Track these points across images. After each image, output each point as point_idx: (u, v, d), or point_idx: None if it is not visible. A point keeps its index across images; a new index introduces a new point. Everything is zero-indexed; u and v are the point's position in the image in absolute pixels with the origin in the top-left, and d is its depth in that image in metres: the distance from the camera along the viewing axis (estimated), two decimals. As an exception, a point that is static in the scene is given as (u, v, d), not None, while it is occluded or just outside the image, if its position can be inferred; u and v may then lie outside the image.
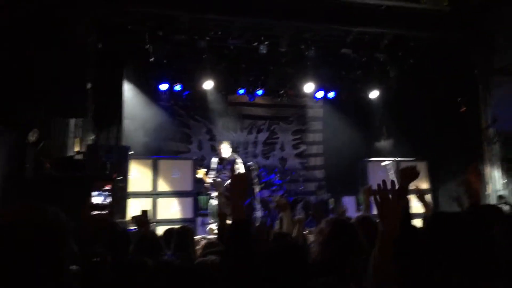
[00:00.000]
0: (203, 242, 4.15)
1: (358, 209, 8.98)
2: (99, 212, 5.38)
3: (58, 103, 5.34)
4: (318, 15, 7.09)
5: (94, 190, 5.49)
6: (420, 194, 4.09)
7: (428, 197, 6.21)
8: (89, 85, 5.90)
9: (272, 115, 11.07)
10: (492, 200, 7.87)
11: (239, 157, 8.02)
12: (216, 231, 6.91)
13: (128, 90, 8.56)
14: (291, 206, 8.81)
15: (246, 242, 1.76)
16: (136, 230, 4.38)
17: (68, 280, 1.31)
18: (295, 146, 11.26)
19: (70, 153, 6.18)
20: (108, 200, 5.59)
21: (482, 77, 7.94)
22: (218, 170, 7.78)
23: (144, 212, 4.06)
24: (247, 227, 1.85)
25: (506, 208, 6.56)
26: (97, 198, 5.55)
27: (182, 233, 3.78)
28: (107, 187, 5.61)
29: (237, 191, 1.96)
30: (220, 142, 8.02)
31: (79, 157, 6.04)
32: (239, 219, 1.84)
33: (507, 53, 6.49)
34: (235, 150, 8.49)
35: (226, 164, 7.68)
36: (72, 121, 6.23)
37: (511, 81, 6.38)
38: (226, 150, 7.85)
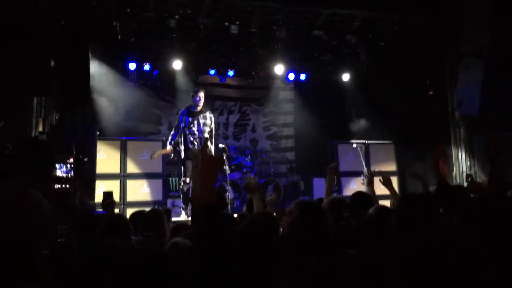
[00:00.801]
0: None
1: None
2: (61, 185, 5.21)
3: (19, 81, 5.11)
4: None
5: (57, 163, 5.33)
6: (386, 179, 4.13)
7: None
8: (52, 63, 5.67)
9: (243, 96, 11.01)
10: (458, 181, 8.11)
11: (212, 113, 7.38)
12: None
13: (95, 69, 8.31)
14: (261, 187, 8.87)
15: (217, 226, 1.73)
16: (104, 213, 4.28)
17: (43, 267, 1.24)
18: (266, 128, 11.25)
19: (33, 134, 5.97)
20: (71, 173, 5.43)
21: (449, 61, 8.09)
22: (187, 124, 7.00)
23: (107, 194, 3.95)
24: (218, 211, 1.82)
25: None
26: (59, 172, 5.39)
27: (151, 216, 3.71)
28: (70, 160, 5.44)
29: (208, 174, 1.91)
30: (199, 90, 7.18)
31: (43, 137, 5.83)
32: (210, 203, 1.81)
33: (474, 37, 6.61)
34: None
35: (197, 117, 7.00)
36: (36, 101, 5.99)
37: (477, 64, 6.50)
38: (203, 100, 7.08)
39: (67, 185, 5.32)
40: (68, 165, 5.52)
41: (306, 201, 2.41)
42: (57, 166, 5.41)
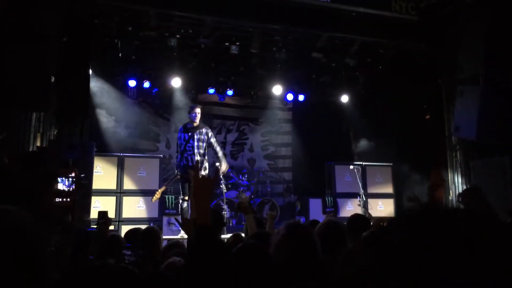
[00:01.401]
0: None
1: (324, 211, 9.08)
2: (62, 199, 5.21)
3: (19, 96, 5.13)
4: (289, 18, 7.11)
5: (59, 177, 5.33)
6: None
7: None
8: (52, 79, 5.70)
9: (241, 115, 11.06)
10: (454, 204, 8.10)
11: (208, 128, 7.20)
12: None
13: (95, 86, 8.37)
14: (255, 208, 8.84)
15: (210, 248, 1.71)
16: (97, 229, 4.27)
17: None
18: (264, 148, 11.28)
19: (31, 149, 5.97)
20: (72, 187, 5.43)
21: (446, 86, 8.17)
22: (183, 141, 6.93)
23: (102, 213, 3.93)
24: (212, 233, 1.80)
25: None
26: (61, 185, 5.39)
27: (146, 234, 3.71)
28: (72, 174, 5.44)
29: (201, 194, 1.89)
30: (196, 106, 7.14)
31: (41, 152, 5.83)
32: (204, 225, 1.78)
33: (471, 64, 6.69)
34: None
35: (193, 133, 6.93)
36: (34, 116, 6.01)
37: (474, 90, 6.57)
38: (199, 116, 7.02)
39: (68, 199, 5.32)
40: (70, 179, 5.52)
41: (294, 222, 2.40)
42: (59, 180, 5.41)
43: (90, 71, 7.59)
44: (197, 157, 6.76)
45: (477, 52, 6.65)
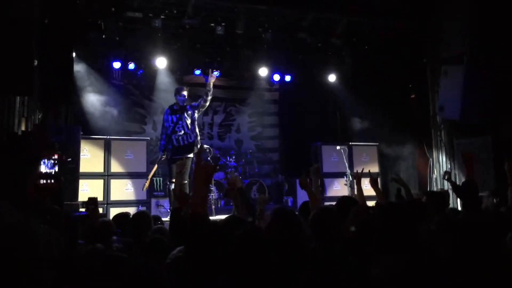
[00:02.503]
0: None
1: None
2: (46, 181, 5.17)
3: (2, 81, 5.05)
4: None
5: (42, 159, 5.29)
6: (373, 179, 4.20)
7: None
8: (35, 62, 5.61)
9: (228, 97, 11.01)
10: (439, 183, 8.27)
11: (189, 103, 7.19)
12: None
13: (79, 68, 8.25)
14: (243, 189, 8.89)
15: (206, 237, 1.71)
16: (86, 213, 4.28)
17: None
18: (250, 129, 11.29)
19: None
20: (55, 168, 5.39)
21: (431, 66, 8.24)
22: (171, 123, 6.90)
23: (92, 200, 3.94)
24: (207, 222, 1.79)
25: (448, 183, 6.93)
26: (44, 167, 5.35)
27: (136, 219, 3.71)
28: (55, 156, 5.39)
29: (201, 180, 1.87)
30: (183, 88, 7.16)
31: (26, 136, 5.78)
32: (199, 213, 1.77)
33: (455, 44, 6.75)
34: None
35: (181, 114, 6.94)
36: (18, 100, 5.92)
37: (458, 70, 6.64)
38: (186, 98, 7.03)
39: (52, 181, 5.28)
40: (52, 161, 5.47)
41: (280, 207, 2.43)
42: (42, 162, 5.37)
43: (74, 54, 7.49)
44: (194, 134, 6.80)
45: (462, 32, 6.71)
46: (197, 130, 7.05)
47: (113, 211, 6.89)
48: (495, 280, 1.66)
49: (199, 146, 6.78)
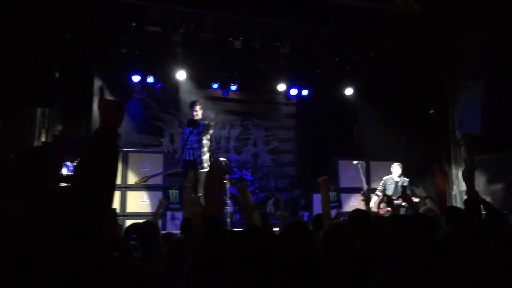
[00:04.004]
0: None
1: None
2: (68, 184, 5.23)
3: (24, 93, 5.17)
4: (291, 13, 7.12)
5: (66, 162, 5.38)
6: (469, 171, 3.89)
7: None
8: (57, 75, 5.75)
9: (245, 111, 11.07)
10: (458, 199, 8.11)
11: (206, 122, 7.24)
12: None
13: (99, 81, 8.40)
14: (259, 204, 8.87)
15: (219, 240, 1.69)
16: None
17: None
18: (267, 142, 11.29)
19: (36, 144, 6.02)
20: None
21: (450, 81, 8.15)
22: (185, 135, 7.10)
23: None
24: (220, 224, 1.78)
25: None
26: (66, 170, 5.44)
27: (145, 228, 3.71)
28: (78, 160, 5.45)
29: (215, 183, 1.87)
30: (196, 103, 7.28)
31: (45, 148, 5.88)
32: (211, 215, 1.76)
33: (474, 58, 6.68)
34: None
35: (194, 128, 7.06)
36: (39, 111, 6.06)
37: (477, 85, 6.55)
38: (199, 112, 7.17)
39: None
40: (74, 164, 5.56)
41: (294, 221, 2.42)
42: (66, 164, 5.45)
43: (94, 67, 7.65)
44: (198, 152, 6.87)
45: (480, 45, 6.64)
46: (203, 148, 7.03)
47: (129, 223, 6.92)
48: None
49: (204, 164, 6.86)
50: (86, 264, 1.29)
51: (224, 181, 7.91)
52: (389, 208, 6.61)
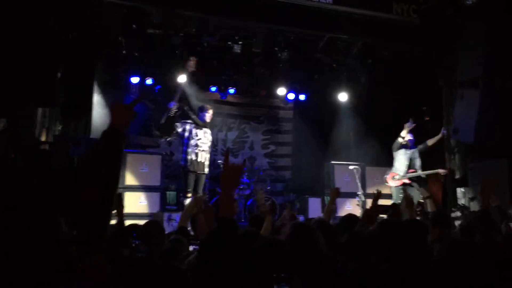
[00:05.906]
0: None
1: (323, 211, 9.15)
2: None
3: (26, 92, 5.21)
4: (292, 19, 7.21)
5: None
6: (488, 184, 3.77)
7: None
8: (59, 75, 5.79)
9: (243, 114, 11.13)
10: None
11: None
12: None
13: (99, 82, 8.44)
14: (256, 206, 8.92)
15: (234, 241, 1.70)
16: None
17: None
18: (264, 146, 11.36)
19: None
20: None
21: (446, 89, 8.26)
22: (192, 136, 7.38)
23: (117, 196, 3.99)
24: (236, 225, 1.77)
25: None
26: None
27: (147, 228, 3.75)
28: None
29: (229, 182, 1.87)
30: (210, 108, 7.76)
31: (45, 147, 5.92)
32: (227, 216, 1.77)
33: (470, 67, 6.79)
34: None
35: (203, 130, 7.52)
36: (40, 111, 6.09)
37: (473, 93, 6.67)
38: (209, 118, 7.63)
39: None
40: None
41: (300, 223, 2.49)
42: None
43: (95, 68, 7.69)
44: (207, 155, 7.30)
45: (477, 54, 6.75)
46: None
47: (126, 224, 6.94)
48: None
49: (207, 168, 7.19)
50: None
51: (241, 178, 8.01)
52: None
